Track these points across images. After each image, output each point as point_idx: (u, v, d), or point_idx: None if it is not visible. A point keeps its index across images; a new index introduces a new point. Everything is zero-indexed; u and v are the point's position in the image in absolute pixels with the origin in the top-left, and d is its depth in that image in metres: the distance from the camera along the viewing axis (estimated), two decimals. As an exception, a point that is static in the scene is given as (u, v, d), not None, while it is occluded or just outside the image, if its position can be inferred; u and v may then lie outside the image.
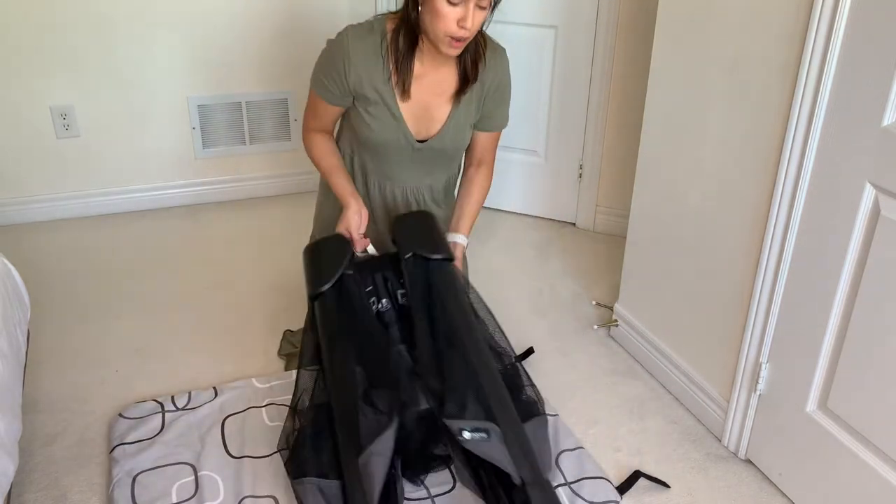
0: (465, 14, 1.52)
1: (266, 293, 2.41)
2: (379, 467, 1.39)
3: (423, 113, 1.75)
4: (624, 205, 2.80)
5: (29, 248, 2.66)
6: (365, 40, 1.66)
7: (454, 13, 1.53)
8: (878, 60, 1.29)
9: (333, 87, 1.71)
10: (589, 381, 2.05)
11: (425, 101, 1.74)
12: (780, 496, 1.67)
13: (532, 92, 2.82)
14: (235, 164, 3.09)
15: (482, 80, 1.75)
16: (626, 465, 1.75)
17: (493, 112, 1.84)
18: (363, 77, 1.68)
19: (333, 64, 1.68)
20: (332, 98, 1.74)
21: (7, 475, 1.28)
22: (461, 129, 1.80)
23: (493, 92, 1.80)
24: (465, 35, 1.56)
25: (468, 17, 1.53)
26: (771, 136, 1.56)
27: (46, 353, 2.08)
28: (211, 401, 1.83)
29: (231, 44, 2.88)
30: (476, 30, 1.59)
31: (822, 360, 1.52)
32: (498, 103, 1.84)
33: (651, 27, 1.94)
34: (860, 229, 1.38)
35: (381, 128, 1.74)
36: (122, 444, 1.68)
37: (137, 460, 1.63)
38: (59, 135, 2.78)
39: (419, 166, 1.83)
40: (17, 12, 2.58)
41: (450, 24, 1.54)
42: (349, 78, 1.68)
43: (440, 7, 1.53)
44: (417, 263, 1.62)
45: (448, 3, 1.52)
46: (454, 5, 1.52)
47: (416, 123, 1.76)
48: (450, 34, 1.56)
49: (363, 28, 1.68)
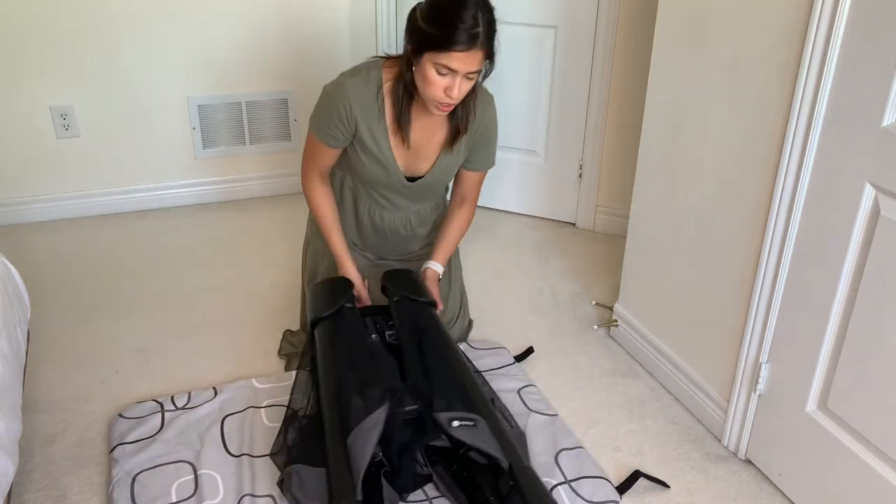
0: (452, 84, 1.61)
1: (266, 293, 2.41)
2: (367, 445, 1.42)
3: (415, 155, 1.85)
4: (624, 205, 2.80)
5: (29, 248, 2.67)
6: (363, 89, 1.74)
7: (442, 82, 1.61)
8: (878, 60, 1.29)
9: (338, 133, 1.78)
10: (589, 381, 2.05)
11: (417, 144, 1.83)
12: (780, 496, 1.67)
13: (532, 92, 2.82)
14: (235, 164, 3.09)
15: (482, 116, 1.85)
16: (626, 464, 1.75)
17: (480, 154, 1.94)
18: (361, 123, 1.76)
19: (337, 110, 1.75)
20: (335, 142, 1.82)
21: (7, 475, 1.28)
22: (449, 169, 1.91)
23: (480, 137, 1.89)
24: (451, 102, 1.65)
25: (455, 87, 1.61)
26: (771, 136, 1.56)
27: (46, 353, 2.08)
28: (210, 400, 1.83)
29: (231, 44, 2.88)
30: (462, 97, 1.67)
31: (821, 360, 1.52)
32: (484, 146, 1.93)
33: (651, 27, 1.94)
34: (860, 229, 1.38)
35: (375, 168, 1.83)
36: (122, 444, 1.68)
37: (137, 459, 1.63)
38: (59, 135, 2.78)
39: (407, 198, 1.94)
40: (17, 13, 2.58)
41: (437, 92, 1.63)
42: (352, 123, 1.76)
43: (430, 75, 1.61)
44: (406, 304, 1.80)
45: (437, 72, 1.59)
46: (442, 75, 1.60)
47: (407, 164, 1.86)
48: (437, 100, 1.65)
49: (360, 77, 1.75)
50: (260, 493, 1.57)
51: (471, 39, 1.55)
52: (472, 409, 1.50)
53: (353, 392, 1.53)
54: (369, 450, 1.43)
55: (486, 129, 1.89)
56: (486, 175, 2.01)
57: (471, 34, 1.54)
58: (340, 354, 1.67)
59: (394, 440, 1.55)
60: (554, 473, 1.66)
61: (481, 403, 1.54)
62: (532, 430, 1.79)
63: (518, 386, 1.96)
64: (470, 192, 2.01)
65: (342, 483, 1.38)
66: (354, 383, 1.56)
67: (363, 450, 1.42)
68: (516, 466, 1.43)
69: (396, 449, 1.55)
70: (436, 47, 1.56)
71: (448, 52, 1.56)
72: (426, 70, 1.60)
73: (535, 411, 1.87)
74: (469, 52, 1.56)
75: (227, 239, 2.79)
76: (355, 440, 1.44)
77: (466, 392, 1.56)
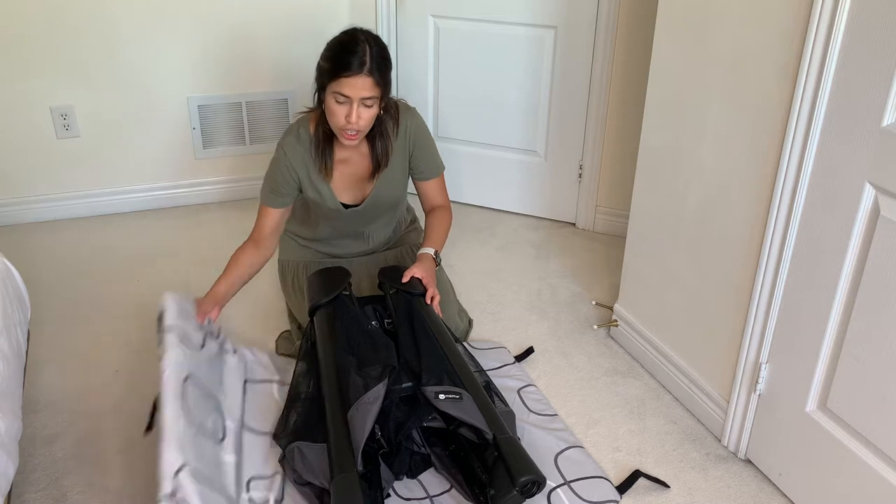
0: (350, 111, 1.78)
1: (266, 293, 2.41)
2: (366, 418, 1.49)
3: (355, 184, 2.02)
4: (624, 205, 2.80)
5: (29, 248, 2.67)
6: (297, 148, 1.94)
7: (341, 110, 1.79)
8: (878, 60, 1.29)
9: (282, 188, 1.97)
10: (589, 381, 2.05)
11: (355, 175, 2.00)
12: (780, 496, 1.67)
13: (532, 92, 2.82)
14: (235, 164, 3.09)
15: (403, 137, 2.00)
16: (626, 464, 1.75)
17: (425, 162, 2.07)
18: (302, 176, 1.96)
19: (281, 173, 1.95)
20: (283, 201, 1.98)
21: (7, 475, 1.28)
22: (392, 185, 2.05)
23: (415, 146, 2.03)
24: (353, 128, 1.81)
25: (353, 113, 1.78)
26: (771, 135, 1.56)
27: (46, 353, 2.08)
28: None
29: (231, 44, 2.88)
30: (365, 124, 1.83)
31: (821, 360, 1.52)
32: (424, 152, 2.05)
33: (651, 27, 1.94)
34: (860, 229, 1.38)
35: (321, 204, 2.01)
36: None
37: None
38: (60, 135, 2.78)
39: (363, 219, 2.10)
40: (17, 13, 2.58)
41: (340, 119, 1.80)
42: (294, 178, 1.96)
43: (331, 105, 1.79)
44: (400, 295, 1.89)
45: (336, 102, 1.78)
46: (340, 104, 1.78)
47: (352, 193, 2.02)
48: (341, 127, 1.82)
49: (292, 136, 1.95)
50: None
51: (359, 66, 1.74)
52: (457, 384, 1.60)
53: (352, 370, 1.60)
54: (369, 423, 1.49)
55: (417, 137, 2.03)
56: (443, 179, 2.13)
57: (360, 61, 1.74)
58: (339, 338, 1.73)
59: (390, 418, 1.61)
60: (553, 475, 1.66)
61: (467, 379, 1.63)
62: (532, 430, 1.80)
63: (518, 386, 1.96)
64: (437, 199, 2.13)
65: (343, 455, 1.44)
66: (353, 363, 1.63)
67: (363, 423, 1.49)
68: (499, 436, 1.49)
69: (393, 427, 1.62)
70: (332, 77, 1.77)
71: (339, 79, 1.75)
72: (329, 102, 1.80)
73: (534, 412, 1.87)
74: (358, 77, 1.74)
75: (227, 239, 2.79)
76: (355, 414, 1.51)
77: (453, 368, 1.66)
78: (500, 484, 1.44)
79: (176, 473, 1.35)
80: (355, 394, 1.55)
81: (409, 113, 2.02)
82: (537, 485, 1.45)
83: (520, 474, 1.43)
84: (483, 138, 2.98)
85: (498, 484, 1.45)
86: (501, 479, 1.45)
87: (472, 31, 2.80)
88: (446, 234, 2.10)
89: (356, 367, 1.62)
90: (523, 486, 1.43)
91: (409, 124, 2.01)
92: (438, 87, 2.97)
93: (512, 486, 1.42)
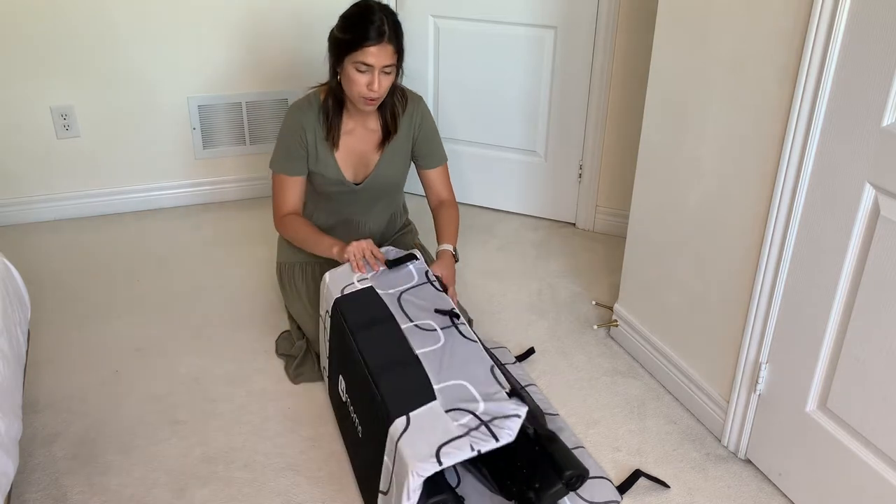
0: (372, 79, 1.85)
1: (266, 293, 2.41)
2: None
3: (358, 160, 2.05)
4: (624, 205, 2.80)
5: (29, 248, 2.67)
6: (307, 111, 2.00)
7: (363, 78, 1.86)
8: (877, 60, 1.29)
9: (299, 155, 2.00)
10: (589, 381, 2.05)
11: (359, 150, 2.05)
12: (780, 496, 1.67)
13: (532, 92, 2.82)
14: (235, 164, 3.09)
15: (409, 121, 2.06)
16: (626, 464, 1.75)
17: (429, 148, 2.12)
18: (309, 138, 2.00)
19: (292, 132, 1.99)
20: (298, 167, 2.01)
21: (7, 475, 1.28)
22: (394, 165, 2.09)
23: (420, 130, 2.09)
24: (374, 96, 1.89)
25: (375, 81, 1.85)
26: (771, 135, 1.56)
27: (46, 353, 2.08)
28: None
29: (231, 44, 2.88)
30: (384, 91, 1.91)
31: (821, 360, 1.52)
32: (428, 141, 2.11)
33: (651, 27, 1.94)
34: (860, 229, 1.38)
35: (324, 176, 2.03)
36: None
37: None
38: (60, 135, 2.78)
39: (361, 201, 2.12)
40: (17, 13, 2.58)
41: (361, 88, 1.87)
42: (305, 141, 2.00)
43: (352, 75, 1.86)
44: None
45: (357, 71, 1.85)
46: (362, 73, 1.85)
47: (354, 169, 2.06)
48: (363, 95, 1.88)
49: (304, 102, 2.01)
50: None
51: (379, 35, 1.81)
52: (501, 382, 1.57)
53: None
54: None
55: (423, 123, 2.09)
56: (447, 171, 2.18)
57: (379, 31, 1.81)
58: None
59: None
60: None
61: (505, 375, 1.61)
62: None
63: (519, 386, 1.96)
64: (442, 191, 2.16)
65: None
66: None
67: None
68: (541, 431, 1.49)
69: None
70: (352, 48, 1.83)
71: (362, 49, 1.81)
72: (349, 72, 1.86)
73: (535, 411, 1.87)
74: (380, 46, 1.82)
75: (227, 239, 2.79)
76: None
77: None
78: (546, 478, 1.44)
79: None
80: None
81: (417, 99, 2.09)
82: (581, 478, 1.45)
83: (566, 468, 1.43)
84: (483, 138, 2.98)
85: (543, 478, 1.44)
86: (547, 473, 1.44)
87: (472, 31, 2.80)
88: (457, 230, 2.12)
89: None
90: (569, 480, 1.43)
91: (416, 108, 2.07)
92: (438, 86, 2.97)
93: (559, 480, 1.42)
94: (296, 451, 1.76)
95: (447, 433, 1.37)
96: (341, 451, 1.76)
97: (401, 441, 1.37)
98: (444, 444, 1.35)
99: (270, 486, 1.66)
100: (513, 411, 1.42)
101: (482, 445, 1.35)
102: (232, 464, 1.72)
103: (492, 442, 1.36)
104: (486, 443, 1.36)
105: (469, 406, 1.43)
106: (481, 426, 1.39)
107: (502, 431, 1.38)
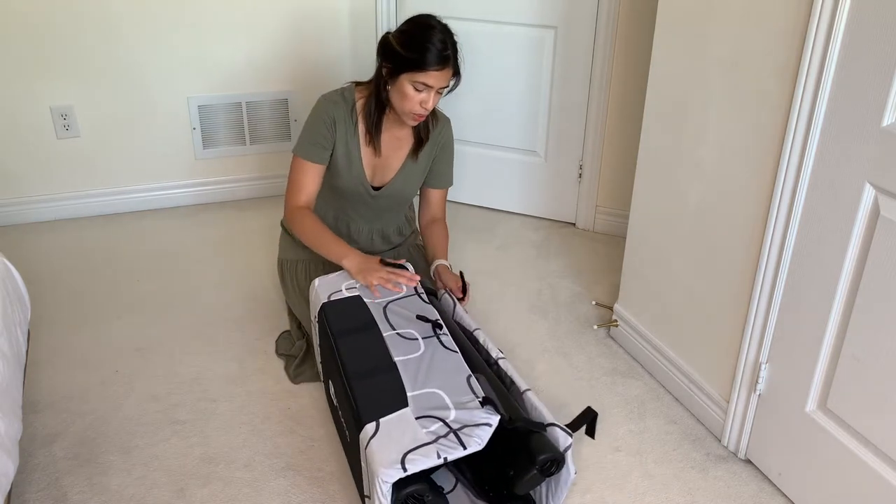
0: (428, 98, 1.86)
1: (266, 293, 2.41)
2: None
3: (383, 164, 2.06)
4: (624, 205, 2.80)
5: (29, 248, 2.67)
6: (340, 104, 1.98)
7: (418, 97, 1.86)
8: (878, 60, 1.29)
9: (325, 141, 1.98)
10: (589, 382, 2.05)
11: (385, 155, 2.05)
12: (780, 496, 1.67)
13: (532, 92, 2.82)
14: (235, 164, 3.09)
15: (435, 139, 2.09)
16: (626, 464, 1.75)
17: (442, 170, 2.15)
18: (339, 133, 1.98)
19: (323, 120, 1.97)
20: (321, 154, 1.98)
21: (7, 475, 1.28)
22: (411, 179, 2.10)
23: (441, 151, 2.12)
24: (425, 113, 1.91)
25: (430, 101, 1.87)
26: (771, 136, 1.56)
27: (46, 353, 2.08)
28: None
29: (231, 44, 2.88)
30: (433, 108, 1.92)
31: (821, 360, 1.52)
32: (445, 162, 2.15)
33: (651, 27, 1.94)
34: (860, 229, 1.38)
35: (347, 174, 2.02)
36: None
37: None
38: (60, 135, 2.78)
39: (374, 212, 2.13)
40: (17, 13, 2.58)
41: (414, 105, 1.87)
42: (333, 130, 1.97)
43: (408, 91, 1.85)
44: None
45: (414, 89, 1.84)
46: (419, 91, 1.85)
47: (374, 173, 2.06)
48: (413, 112, 1.89)
49: (338, 95, 1.99)
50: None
51: (443, 60, 1.81)
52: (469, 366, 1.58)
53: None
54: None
55: (446, 146, 2.12)
56: (447, 195, 2.22)
57: (443, 56, 1.81)
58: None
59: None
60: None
61: (476, 361, 1.63)
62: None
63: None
64: (438, 210, 2.21)
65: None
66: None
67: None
68: (514, 417, 1.46)
69: None
70: (414, 68, 1.81)
71: (426, 72, 1.81)
72: (404, 88, 1.85)
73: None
74: (442, 71, 1.83)
75: (227, 239, 2.79)
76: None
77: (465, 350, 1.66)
78: (520, 464, 1.43)
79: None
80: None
81: (445, 120, 2.12)
82: (556, 463, 1.43)
83: (539, 453, 1.41)
84: (483, 138, 2.98)
85: (517, 464, 1.43)
86: (520, 459, 1.43)
87: (472, 31, 2.80)
88: (448, 245, 2.18)
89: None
90: (543, 465, 1.42)
91: (444, 129, 2.10)
92: (438, 87, 2.97)
93: (532, 466, 1.41)
94: (296, 451, 1.76)
95: (415, 440, 1.37)
96: (341, 451, 1.76)
97: (369, 446, 1.37)
98: (410, 450, 1.35)
99: (270, 486, 1.66)
100: (483, 420, 1.41)
101: (449, 453, 1.35)
102: (232, 464, 1.72)
103: (459, 450, 1.36)
104: (453, 450, 1.35)
105: (440, 413, 1.43)
106: (450, 434, 1.38)
107: (471, 440, 1.37)
